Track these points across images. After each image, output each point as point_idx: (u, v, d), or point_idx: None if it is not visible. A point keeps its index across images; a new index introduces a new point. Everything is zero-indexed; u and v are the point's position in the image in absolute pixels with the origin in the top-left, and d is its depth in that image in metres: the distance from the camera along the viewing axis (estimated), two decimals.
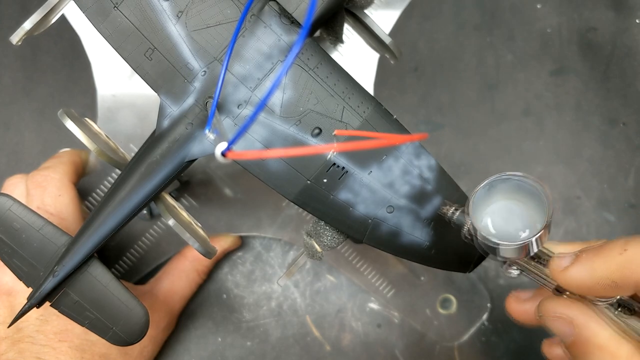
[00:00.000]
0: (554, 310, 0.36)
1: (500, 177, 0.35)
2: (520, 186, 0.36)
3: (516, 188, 0.36)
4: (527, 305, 0.42)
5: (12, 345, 0.45)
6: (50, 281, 0.38)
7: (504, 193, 0.36)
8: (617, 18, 0.62)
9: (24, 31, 0.40)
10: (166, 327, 0.53)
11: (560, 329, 0.36)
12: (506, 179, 0.35)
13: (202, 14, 0.38)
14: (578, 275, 0.34)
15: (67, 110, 0.41)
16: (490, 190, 0.36)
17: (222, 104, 0.38)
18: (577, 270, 0.34)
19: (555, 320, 0.36)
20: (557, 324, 0.36)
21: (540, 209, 0.35)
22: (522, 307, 0.42)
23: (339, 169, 0.39)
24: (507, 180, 0.35)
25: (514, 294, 0.43)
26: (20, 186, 0.48)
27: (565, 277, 0.35)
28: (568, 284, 0.35)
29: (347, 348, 0.57)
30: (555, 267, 0.35)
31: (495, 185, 0.36)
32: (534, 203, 0.36)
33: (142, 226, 0.56)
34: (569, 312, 0.36)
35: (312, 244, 0.42)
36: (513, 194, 0.36)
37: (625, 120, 0.60)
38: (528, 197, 0.36)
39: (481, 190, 0.36)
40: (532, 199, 0.36)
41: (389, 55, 0.45)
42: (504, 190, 0.36)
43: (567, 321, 0.36)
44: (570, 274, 0.35)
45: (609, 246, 0.34)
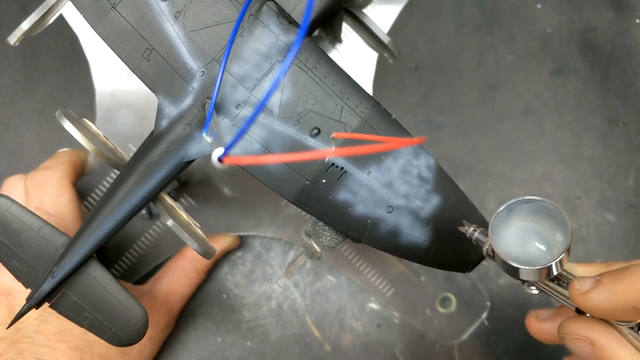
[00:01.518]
0: (575, 331, 0.36)
1: (520, 200, 0.36)
2: (539, 209, 0.36)
3: (535, 210, 0.36)
4: (546, 324, 0.42)
5: (12, 345, 0.45)
6: (49, 282, 0.38)
7: (523, 215, 0.37)
8: (617, 18, 0.62)
9: (21, 32, 0.40)
10: (165, 327, 0.53)
11: (581, 350, 0.36)
12: (525, 202, 0.36)
13: (200, 14, 0.38)
14: (599, 300, 0.34)
15: (65, 111, 0.41)
16: (509, 212, 0.37)
17: (220, 105, 0.38)
18: (598, 295, 0.35)
19: (576, 341, 0.36)
20: (579, 345, 0.36)
21: (559, 231, 0.36)
22: (542, 326, 0.42)
23: (338, 169, 0.39)
24: (527, 203, 0.36)
25: (533, 313, 0.43)
26: (19, 186, 0.48)
27: (586, 301, 0.35)
28: (589, 308, 0.35)
29: (347, 348, 0.57)
30: (576, 291, 0.35)
31: (515, 208, 0.37)
32: (552, 225, 0.36)
33: (141, 226, 0.56)
34: (590, 334, 0.36)
35: (311, 244, 0.42)
36: (532, 216, 0.37)
37: (625, 120, 0.60)
38: (547, 220, 0.36)
39: (501, 213, 0.36)
40: (551, 221, 0.36)
41: (387, 54, 0.45)
42: (523, 213, 0.37)
43: (588, 342, 0.36)
44: (591, 298, 0.35)
45: (629, 271, 0.34)
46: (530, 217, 0.37)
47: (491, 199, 0.59)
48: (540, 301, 0.57)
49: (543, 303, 0.57)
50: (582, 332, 0.36)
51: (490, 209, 0.58)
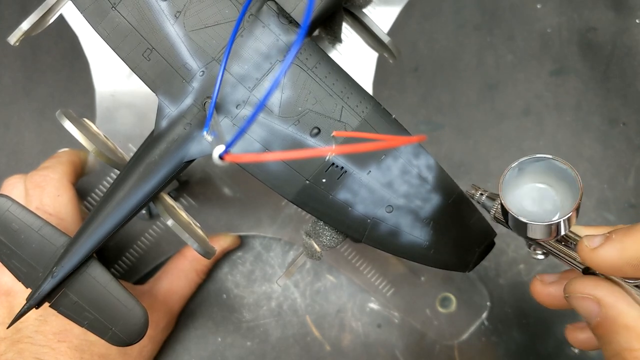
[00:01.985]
0: (581, 290, 0.36)
1: (531, 158, 0.36)
2: (550, 168, 0.36)
3: (546, 170, 0.36)
4: (551, 288, 0.42)
5: (12, 345, 0.45)
6: (49, 282, 0.38)
7: (533, 175, 0.37)
8: (617, 18, 0.62)
9: (21, 32, 0.40)
10: (165, 327, 0.53)
11: (586, 309, 0.36)
12: (536, 160, 0.36)
13: (200, 13, 0.38)
14: (608, 255, 0.34)
15: (66, 111, 0.41)
16: (520, 171, 0.37)
17: (220, 104, 0.38)
18: (607, 250, 0.34)
19: (582, 300, 0.36)
20: (584, 304, 0.36)
21: (569, 191, 0.36)
22: (547, 290, 0.42)
23: (338, 169, 0.39)
24: (537, 161, 0.36)
25: (539, 277, 0.43)
26: (19, 186, 0.48)
27: (595, 257, 0.35)
28: (597, 264, 0.35)
29: (347, 348, 0.57)
30: (585, 248, 0.35)
31: (525, 167, 0.36)
32: (563, 186, 0.36)
33: (141, 226, 0.56)
34: (597, 292, 0.35)
35: (312, 244, 0.42)
36: (542, 177, 0.37)
37: (625, 120, 0.60)
38: (557, 180, 0.36)
39: (511, 170, 0.36)
40: (561, 181, 0.36)
41: (387, 54, 0.45)
42: (534, 172, 0.37)
43: (594, 301, 0.35)
44: (600, 253, 0.34)
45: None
46: (540, 177, 0.37)
47: None
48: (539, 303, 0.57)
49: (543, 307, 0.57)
50: (589, 291, 0.36)
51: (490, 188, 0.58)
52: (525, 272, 0.57)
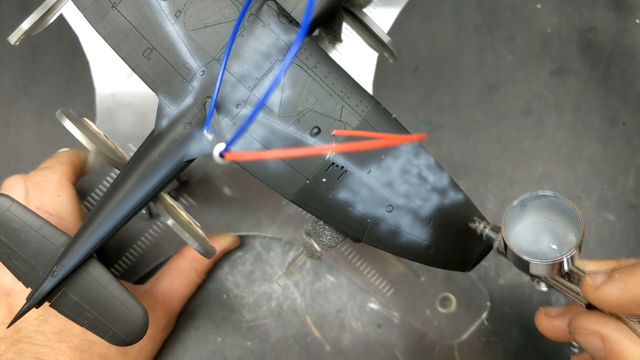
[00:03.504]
0: (586, 326, 0.36)
1: (532, 195, 0.36)
2: (552, 205, 0.36)
3: (548, 206, 0.37)
4: (556, 321, 0.42)
5: (11, 345, 0.45)
6: (50, 281, 0.38)
7: (535, 211, 0.37)
8: (617, 18, 0.62)
9: (21, 31, 0.40)
10: (165, 326, 0.53)
11: (591, 345, 0.36)
12: (538, 197, 0.36)
13: (200, 13, 0.38)
14: (611, 294, 0.35)
15: (66, 111, 0.41)
16: (522, 207, 0.37)
17: (220, 104, 0.38)
18: (610, 289, 0.35)
19: (587, 336, 0.36)
20: (589, 340, 0.36)
21: (570, 227, 0.36)
22: (552, 323, 0.43)
23: (338, 169, 0.39)
24: (539, 198, 0.36)
25: (543, 310, 0.43)
26: (19, 186, 0.48)
27: (598, 296, 0.35)
28: (601, 302, 0.35)
29: (347, 348, 0.57)
30: (588, 286, 0.36)
31: (527, 203, 0.37)
32: (565, 222, 0.36)
33: (141, 226, 0.56)
34: (601, 329, 0.36)
35: (312, 244, 0.42)
36: (544, 212, 0.37)
37: (625, 120, 0.60)
38: (559, 216, 0.37)
39: (514, 207, 0.36)
40: (563, 217, 0.36)
41: (387, 54, 0.45)
42: (536, 208, 0.37)
43: (599, 337, 0.36)
44: (604, 292, 0.35)
45: None
46: (542, 212, 0.37)
47: (491, 199, 0.59)
48: (540, 300, 0.57)
49: (543, 302, 0.57)
50: (593, 327, 0.36)
51: (490, 209, 0.59)
52: None
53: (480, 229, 0.40)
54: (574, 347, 0.56)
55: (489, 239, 0.39)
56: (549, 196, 0.36)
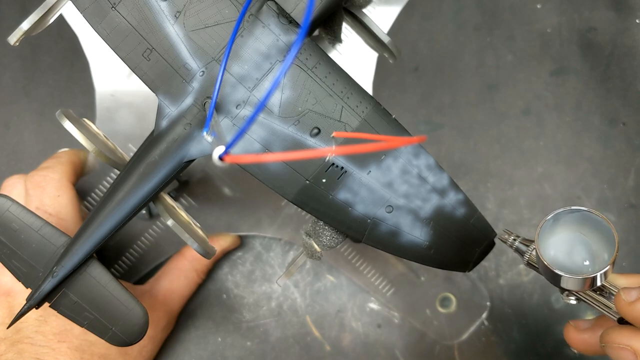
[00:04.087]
0: (619, 340, 0.37)
1: (566, 210, 0.37)
2: (585, 219, 0.37)
3: (581, 220, 0.37)
4: (585, 334, 0.43)
5: (11, 346, 0.45)
6: (49, 282, 0.38)
7: (568, 225, 0.38)
8: (617, 18, 0.62)
9: (21, 32, 0.40)
10: (165, 326, 0.53)
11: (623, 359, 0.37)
12: (571, 212, 0.37)
13: (200, 14, 0.38)
14: None
15: (66, 111, 0.41)
16: (555, 221, 0.37)
17: (220, 104, 0.38)
18: None
19: (619, 350, 0.37)
20: (621, 354, 0.37)
21: (603, 242, 0.37)
22: (581, 337, 0.43)
23: (338, 169, 0.39)
24: (572, 212, 0.37)
25: (573, 323, 0.44)
26: (19, 186, 0.48)
27: (632, 311, 0.36)
28: (634, 318, 0.36)
29: (347, 348, 0.57)
30: (622, 301, 0.36)
31: (561, 217, 0.37)
32: (597, 236, 0.37)
33: (141, 226, 0.56)
34: (633, 343, 0.36)
35: (311, 244, 0.42)
36: (577, 227, 0.38)
37: (625, 120, 0.60)
38: (592, 231, 0.37)
39: (547, 221, 0.37)
40: (595, 232, 0.37)
41: (387, 54, 0.45)
42: (569, 222, 0.38)
43: (631, 352, 0.36)
44: (638, 308, 0.35)
45: None
46: (575, 226, 0.38)
47: (491, 199, 0.59)
48: (539, 302, 0.57)
49: (543, 304, 0.57)
50: (626, 342, 0.37)
51: (490, 209, 0.59)
52: (525, 273, 0.57)
53: (510, 241, 0.40)
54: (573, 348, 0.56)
55: (519, 252, 0.40)
56: (583, 210, 0.37)
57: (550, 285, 0.56)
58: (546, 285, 0.57)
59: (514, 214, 0.58)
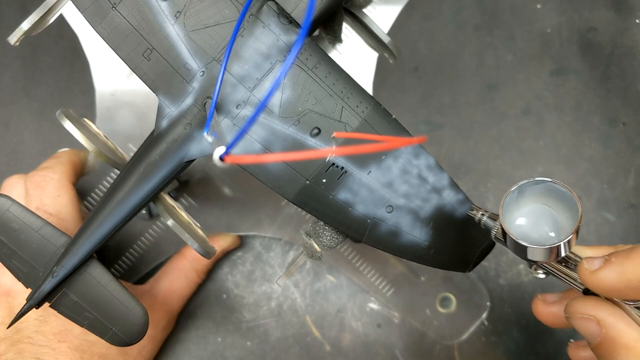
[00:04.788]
0: (582, 311, 0.36)
1: (530, 181, 0.36)
2: (550, 190, 0.36)
3: (545, 192, 0.37)
4: (553, 307, 0.43)
5: (12, 346, 0.45)
6: (50, 282, 0.38)
7: (533, 197, 0.37)
8: (617, 18, 0.62)
9: (21, 32, 0.40)
10: (165, 326, 0.53)
11: (587, 330, 0.36)
12: (535, 183, 0.36)
13: (200, 14, 0.38)
14: (608, 278, 0.34)
15: (66, 111, 0.41)
16: (520, 194, 0.37)
17: (220, 104, 0.38)
18: (607, 273, 0.35)
19: (583, 321, 0.36)
20: (585, 324, 0.36)
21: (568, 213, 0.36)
22: (549, 310, 0.43)
23: (338, 169, 0.39)
24: (537, 184, 0.36)
25: (540, 297, 0.43)
26: (19, 186, 0.48)
27: (595, 280, 0.35)
28: (597, 287, 0.35)
29: (347, 348, 0.57)
30: (585, 270, 0.35)
31: (525, 189, 0.37)
32: (562, 207, 0.36)
33: (141, 226, 0.56)
34: (597, 313, 0.36)
35: (312, 244, 0.42)
36: (542, 198, 0.37)
37: (625, 120, 0.60)
38: (556, 202, 0.37)
39: (512, 193, 0.36)
40: (560, 203, 0.36)
41: (387, 54, 0.45)
42: (534, 194, 0.37)
43: (595, 322, 0.36)
44: (600, 276, 0.35)
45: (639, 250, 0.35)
46: (540, 198, 0.37)
47: (491, 198, 0.59)
48: None
49: None
50: (589, 312, 0.36)
51: (490, 209, 0.58)
52: (525, 272, 0.57)
53: (479, 216, 0.40)
54: None
55: (487, 226, 0.39)
56: (547, 181, 0.36)
57: (550, 286, 0.56)
58: (546, 285, 0.57)
59: None
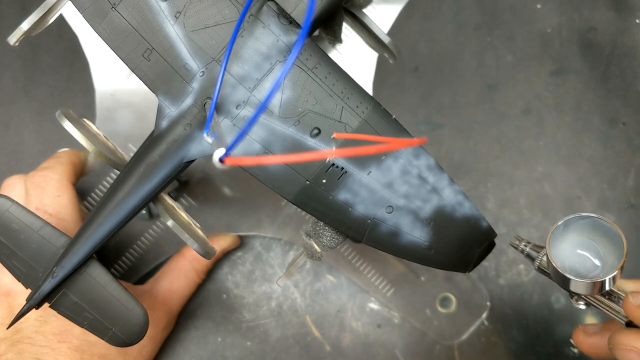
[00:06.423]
0: (626, 342, 0.38)
1: (576, 216, 0.38)
2: (595, 225, 0.38)
3: (590, 226, 0.38)
4: (594, 338, 0.44)
5: (11, 346, 0.45)
6: (49, 282, 0.38)
7: (578, 231, 0.39)
8: (617, 18, 0.62)
9: (21, 32, 0.40)
10: (165, 326, 0.53)
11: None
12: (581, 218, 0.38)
13: (200, 14, 0.38)
14: None
15: (66, 111, 0.41)
16: (565, 227, 0.38)
17: (220, 105, 0.38)
18: None
19: (626, 352, 0.38)
20: (628, 355, 0.38)
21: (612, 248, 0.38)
22: (590, 340, 0.44)
23: (338, 169, 0.39)
24: (582, 219, 0.38)
25: (581, 327, 0.45)
26: (19, 187, 0.48)
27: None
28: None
29: (347, 348, 0.57)
30: (631, 305, 0.37)
31: (571, 224, 0.38)
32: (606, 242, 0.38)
33: (141, 226, 0.56)
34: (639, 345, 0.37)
35: (312, 244, 0.42)
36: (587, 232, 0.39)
37: (625, 120, 0.60)
38: (601, 237, 0.38)
39: (559, 227, 0.38)
40: (605, 238, 0.38)
41: (387, 54, 0.45)
42: (579, 228, 0.39)
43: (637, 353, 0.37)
44: None
45: None
46: (585, 232, 0.39)
47: (491, 199, 0.59)
48: (539, 302, 0.57)
49: (543, 304, 0.57)
50: (633, 344, 0.38)
51: (490, 209, 0.59)
52: (525, 273, 0.57)
53: (521, 247, 0.41)
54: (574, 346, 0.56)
55: (530, 257, 0.41)
56: (592, 217, 0.38)
57: (550, 286, 0.56)
58: (546, 285, 0.57)
59: (514, 214, 0.58)
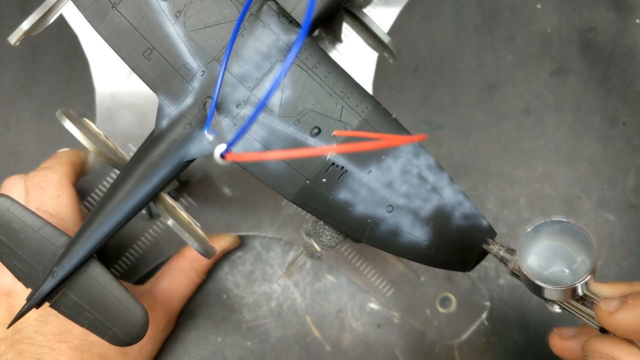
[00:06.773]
0: (600, 349, 0.37)
1: (547, 221, 0.38)
2: (566, 229, 0.38)
3: (561, 231, 0.38)
4: (569, 342, 0.43)
5: (12, 346, 0.45)
6: (50, 282, 0.38)
7: (550, 235, 0.38)
8: (617, 18, 0.62)
9: (21, 32, 0.40)
10: (165, 326, 0.53)
11: None
12: (552, 223, 0.37)
13: (200, 13, 0.38)
14: (625, 320, 0.36)
15: (66, 111, 0.41)
16: (536, 232, 0.38)
17: (220, 104, 0.38)
18: (624, 316, 0.36)
19: (600, 359, 0.37)
20: None
21: (584, 252, 0.37)
22: (565, 344, 0.43)
23: (338, 169, 0.39)
24: (554, 224, 0.37)
25: (556, 331, 0.44)
26: (19, 186, 0.48)
27: (612, 321, 0.36)
28: (615, 328, 0.36)
29: (347, 348, 0.57)
30: (603, 312, 0.37)
31: (542, 228, 0.38)
32: (578, 246, 0.38)
33: (141, 226, 0.56)
34: (614, 352, 0.37)
35: (312, 244, 0.42)
36: (558, 237, 0.38)
37: (625, 120, 0.60)
38: (573, 241, 0.38)
39: (528, 232, 0.38)
40: (576, 242, 0.38)
41: (387, 54, 0.45)
42: (550, 233, 0.38)
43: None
44: (617, 318, 0.36)
45: None
46: (556, 237, 0.38)
47: (491, 199, 0.59)
48: (539, 302, 0.57)
49: (543, 304, 0.57)
50: (606, 351, 0.37)
51: (490, 209, 0.59)
52: None
53: (495, 251, 0.40)
54: None
55: (504, 260, 0.40)
56: (563, 221, 0.37)
57: None
58: None
59: (514, 214, 0.58)
